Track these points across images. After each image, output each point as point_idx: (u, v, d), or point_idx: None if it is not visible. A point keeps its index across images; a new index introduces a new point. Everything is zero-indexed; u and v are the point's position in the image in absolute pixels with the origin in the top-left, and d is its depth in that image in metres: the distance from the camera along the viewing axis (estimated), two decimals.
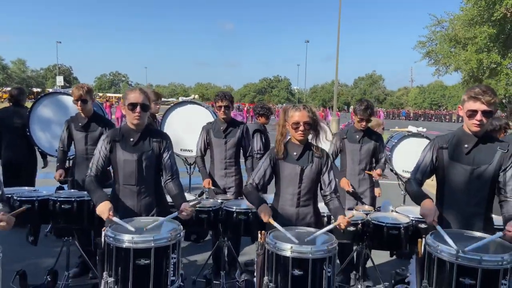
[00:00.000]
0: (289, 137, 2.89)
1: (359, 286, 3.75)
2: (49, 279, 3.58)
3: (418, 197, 2.58)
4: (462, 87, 25.86)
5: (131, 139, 2.78)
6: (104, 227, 2.45)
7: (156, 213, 2.81)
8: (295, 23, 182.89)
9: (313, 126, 2.78)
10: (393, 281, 3.87)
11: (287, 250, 2.33)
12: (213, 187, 4.16)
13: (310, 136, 2.86)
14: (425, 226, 3.44)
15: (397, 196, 5.71)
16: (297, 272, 2.32)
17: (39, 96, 5.64)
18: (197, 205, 3.09)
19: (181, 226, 2.55)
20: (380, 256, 4.29)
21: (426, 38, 25.10)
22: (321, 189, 2.90)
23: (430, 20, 24.68)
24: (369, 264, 4.01)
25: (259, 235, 2.55)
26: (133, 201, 2.78)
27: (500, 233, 2.28)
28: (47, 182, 4.45)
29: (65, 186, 4.21)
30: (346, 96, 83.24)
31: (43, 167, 5.66)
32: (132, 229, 2.43)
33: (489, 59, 21.42)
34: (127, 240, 2.29)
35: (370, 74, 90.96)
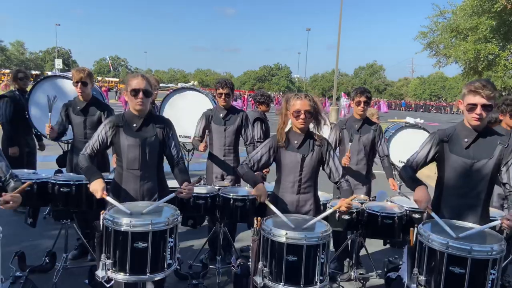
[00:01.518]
0: (290, 126, 2.91)
1: (353, 273, 3.82)
2: (47, 260, 3.65)
3: (412, 183, 2.64)
4: (462, 78, 25.74)
5: (134, 125, 2.80)
6: (103, 211, 2.48)
7: (158, 198, 2.84)
8: (296, 11, 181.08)
9: (314, 115, 2.80)
10: (385, 269, 3.94)
11: (282, 236, 2.38)
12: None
13: (312, 125, 2.89)
14: (419, 216, 3.49)
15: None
16: (291, 258, 2.37)
17: (38, 79, 5.62)
18: (197, 184, 3.12)
19: (179, 210, 2.59)
20: (373, 245, 4.36)
21: (427, 28, 24.89)
22: (329, 177, 2.93)
23: (433, 11, 24.41)
24: (362, 252, 4.08)
25: (255, 221, 2.59)
26: (136, 185, 2.81)
27: (497, 222, 2.33)
28: (46, 165, 4.49)
29: (64, 169, 4.24)
30: (346, 86, 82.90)
31: (39, 149, 5.71)
32: (127, 211, 2.47)
33: (486, 50, 21.31)
34: (125, 223, 2.32)
35: (371, 64, 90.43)
